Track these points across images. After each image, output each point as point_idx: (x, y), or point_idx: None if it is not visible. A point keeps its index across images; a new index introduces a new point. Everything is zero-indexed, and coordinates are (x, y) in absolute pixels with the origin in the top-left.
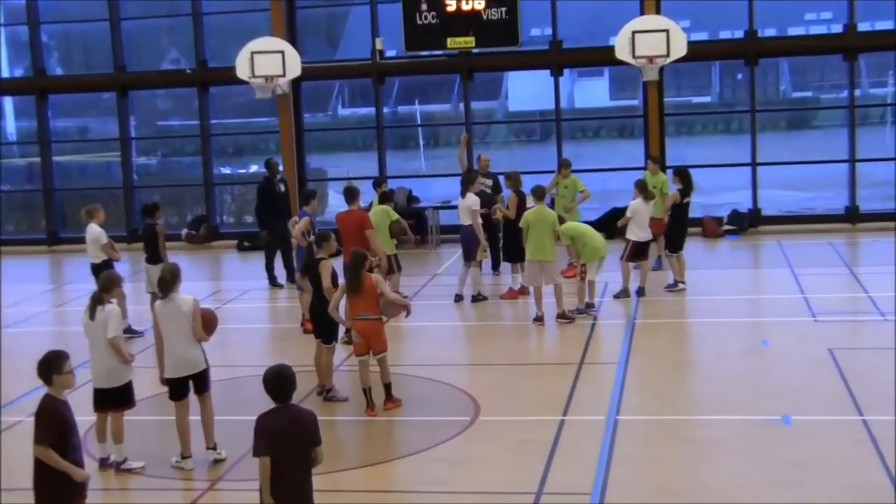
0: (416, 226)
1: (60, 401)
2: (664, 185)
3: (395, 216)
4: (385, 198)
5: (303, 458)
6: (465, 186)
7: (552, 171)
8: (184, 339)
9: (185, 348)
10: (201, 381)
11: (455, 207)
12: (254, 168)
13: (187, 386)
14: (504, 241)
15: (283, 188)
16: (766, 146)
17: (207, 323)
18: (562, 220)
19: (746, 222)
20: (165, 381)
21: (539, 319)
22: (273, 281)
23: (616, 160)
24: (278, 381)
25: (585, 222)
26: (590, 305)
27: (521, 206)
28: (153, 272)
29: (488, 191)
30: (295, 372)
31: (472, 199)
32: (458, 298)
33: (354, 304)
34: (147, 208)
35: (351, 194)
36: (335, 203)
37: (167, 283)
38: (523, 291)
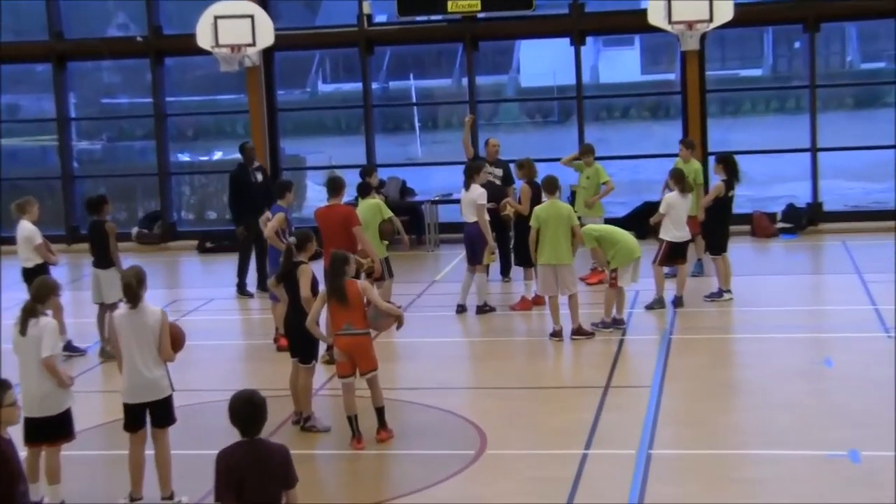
0: (411, 224)
1: (3, 439)
2: (697, 174)
3: (388, 213)
4: (365, 190)
5: (273, 502)
6: (470, 177)
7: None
8: (147, 358)
9: (148, 369)
10: (163, 410)
11: (457, 202)
12: (218, 155)
13: (146, 414)
14: (515, 241)
15: (259, 178)
16: (828, 128)
17: (175, 340)
18: (582, 223)
19: (804, 219)
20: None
21: (556, 335)
22: (242, 289)
23: (648, 145)
24: (247, 409)
25: (610, 221)
26: (618, 321)
27: (536, 201)
28: (103, 278)
29: (497, 182)
30: (266, 398)
31: (478, 192)
32: (461, 309)
33: (337, 316)
34: (93, 202)
35: (334, 186)
36: (314, 196)
37: (134, 290)
38: (538, 301)
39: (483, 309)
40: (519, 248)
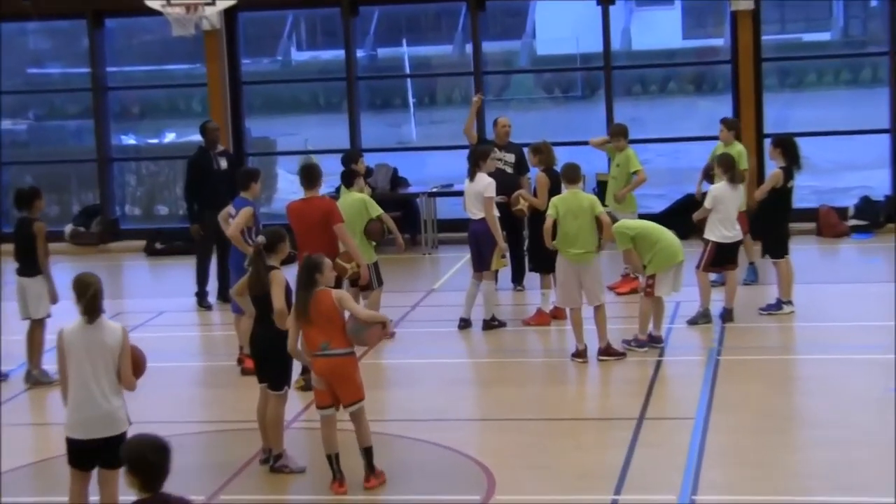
0: (404, 221)
1: None
2: (741, 159)
3: (376, 209)
4: (350, 179)
5: None
6: (476, 164)
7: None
8: (105, 385)
9: (105, 397)
10: (118, 449)
11: (460, 194)
12: (170, 137)
13: (97, 453)
14: (531, 242)
15: (223, 164)
16: None
17: (136, 364)
18: (614, 218)
19: (882, 215)
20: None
21: (580, 355)
22: (202, 299)
23: (691, 126)
24: (147, 460)
25: (644, 217)
26: (655, 339)
27: (555, 192)
28: (29, 289)
29: (508, 170)
30: (169, 444)
31: (485, 183)
32: (465, 324)
33: (311, 334)
34: (24, 196)
35: (310, 175)
36: (287, 188)
37: (90, 302)
38: (557, 314)
39: (491, 324)
40: (535, 250)
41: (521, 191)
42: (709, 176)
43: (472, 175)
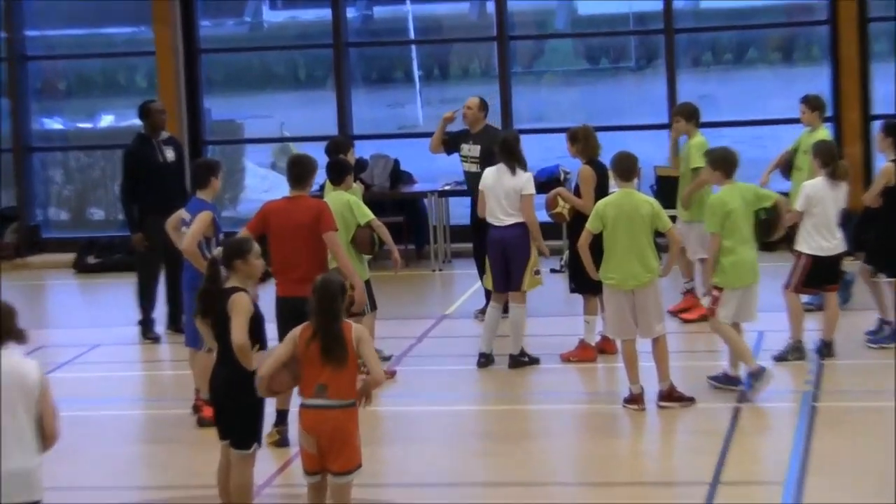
0: (409, 227)
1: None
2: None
3: (365, 215)
4: (340, 173)
5: None
6: (510, 154)
7: (658, 126)
8: (19, 436)
9: (23, 453)
10: None
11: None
12: (106, 120)
13: None
14: (571, 255)
15: (171, 156)
16: None
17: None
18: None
19: None
20: None
21: (635, 400)
22: (148, 329)
23: (777, 105)
24: None
25: None
26: (731, 380)
27: (601, 191)
28: None
29: (474, 168)
30: None
31: (523, 180)
32: (486, 360)
33: (310, 373)
34: None
35: (302, 170)
36: (257, 185)
37: (11, 330)
38: (606, 348)
39: (520, 360)
40: (576, 266)
41: (560, 189)
42: (786, 169)
43: (511, 168)
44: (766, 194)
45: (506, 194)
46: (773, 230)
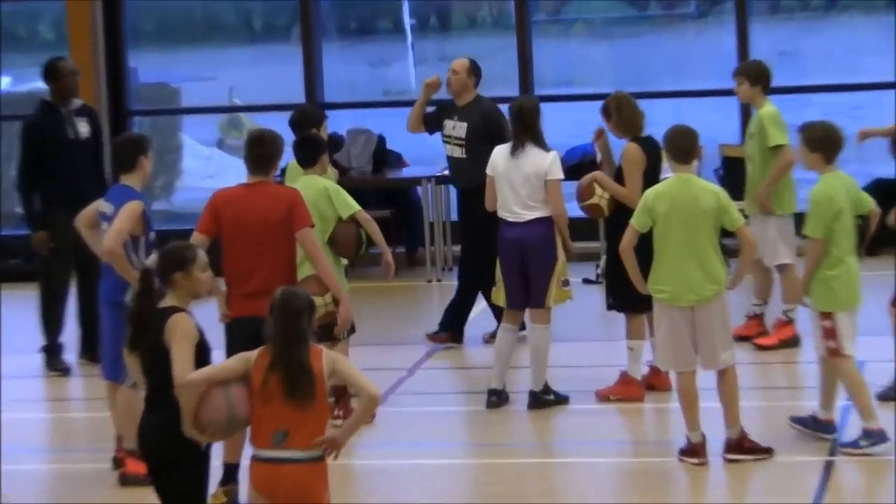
0: (397, 223)
1: None
2: None
3: (349, 206)
4: (311, 150)
5: None
6: (525, 127)
7: (725, 92)
8: None
9: None
10: None
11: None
12: (3, 82)
13: None
14: (610, 259)
15: (85, 131)
16: None
17: None
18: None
19: None
20: None
21: (694, 452)
22: (54, 357)
23: (879, 63)
24: None
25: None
26: (822, 425)
27: (651, 177)
28: None
29: (457, 151)
30: None
31: (548, 161)
32: (497, 399)
33: (267, 413)
34: None
35: (265, 151)
36: (198, 169)
37: None
38: (657, 382)
39: (543, 398)
40: (616, 275)
41: (597, 173)
42: None
43: (517, 145)
44: (864, 197)
45: (524, 180)
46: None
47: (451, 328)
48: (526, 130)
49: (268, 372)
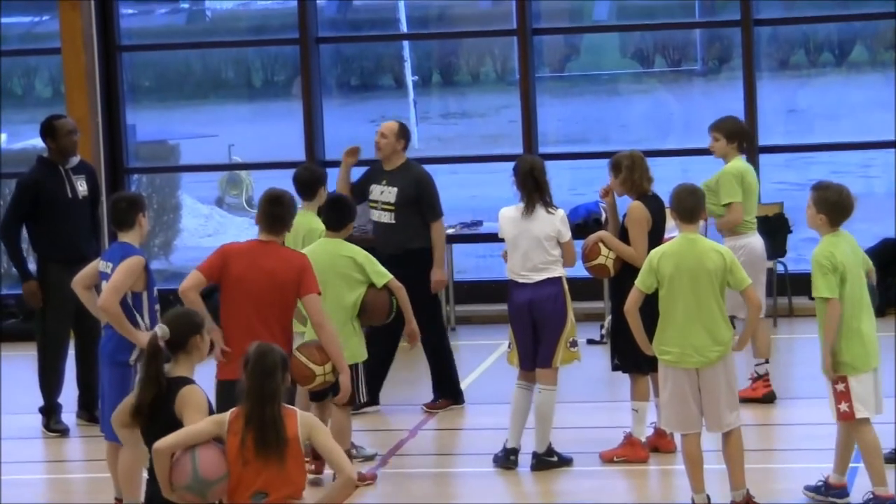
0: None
1: None
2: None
3: (383, 272)
4: (340, 214)
5: None
6: (534, 187)
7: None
8: None
9: None
10: None
11: (495, 239)
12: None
13: None
14: (615, 320)
15: (83, 189)
16: None
17: None
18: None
19: None
20: None
21: None
22: (52, 418)
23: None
24: None
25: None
26: (833, 490)
27: (656, 236)
28: None
29: (385, 217)
30: None
31: (557, 222)
32: (508, 460)
33: (246, 473)
34: None
35: (282, 211)
36: (196, 228)
37: None
38: (661, 444)
39: (546, 460)
40: (622, 336)
41: (603, 233)
42: None
43: (528, 206)
44: (865, 258)
45: (535, 243)
46: None
47: (444, 392)
48: (537, 190)
49: (245, 431)
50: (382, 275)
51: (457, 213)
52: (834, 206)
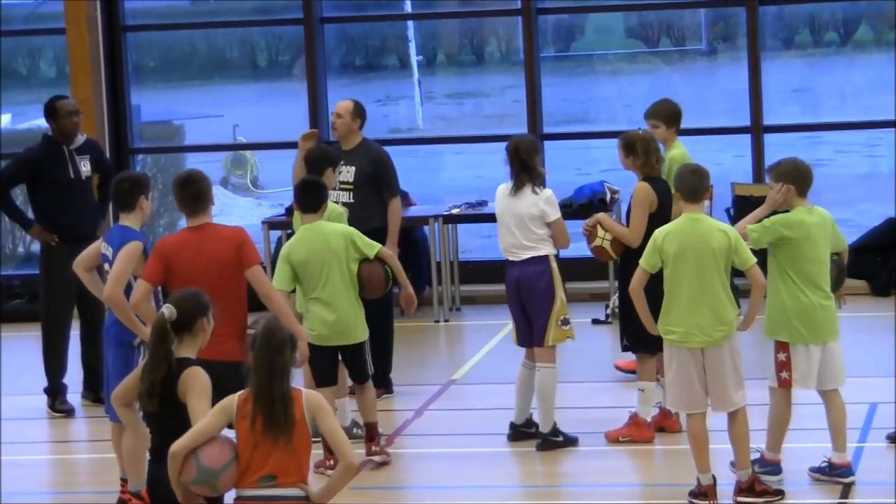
0: (404, 264)
1: None
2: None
3: (372, 244)
4: (312, 196)
5: None
6: (522, 166)
7: (737, 129)
8: None
9: None
10: None
11: (493, 219)
12: (3, 120)
13: None
14: (622, 300)
15: (86, 170)
16: None
17: None
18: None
19: None
20: None
21: (704, 494)
22: (57, 398)
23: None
24: None
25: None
26: (838, 469)
27: (664, 217)
28: None
29: (344, 196)
30: None
31: (543, 197)
32: (519, 433)
33: (255, 454)
34: None
35: (197, 189)
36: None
37: None
38: (667, 424)
39: (551, 440)
40: (629, 316)
41: (600, 215)
42: None
43: (516, 185)
44: (840, 236)
45: (519, 221)
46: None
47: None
48: (524, 170)
49: (254, 411)
50: (372, 245)
51: (461, 192)
52: (790, 174)
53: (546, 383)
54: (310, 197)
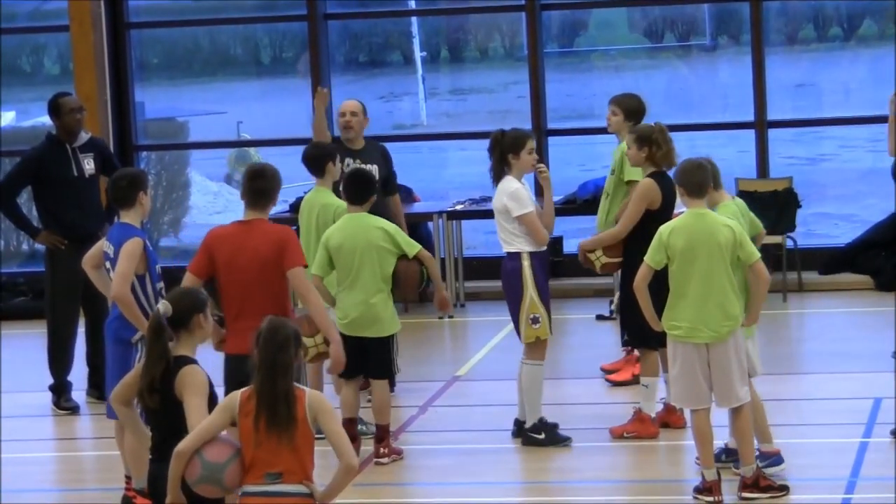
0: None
1: None
2: None
3: (413, 243)
4: (362, 187)
5: None
6: (502, 159)
7: (741, 125)
8: None
9: None
10: None
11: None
12: (7, 117)
13: None
14: (624, 296)
15: (90, 168)
16: None
17: None
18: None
19: None
20: None
21: (709, 490)
22: (62, 395)
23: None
24: None
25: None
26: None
27: (666, 213)
28: None
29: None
30: None
31: (507, 193)
32: (518, 429)
33: (258, 452)
34: None
35: (264, 184)
36: (206, 205)
37: None
38: (671, 420)
39: (531, 437)
40: (629, 311)
41: (581, 243)
42: None
43: (494, 178)
44: (755, 220)
45: (496, 215)
46: None
47: None
48: (500, 163)
49: (257, 410)
50: (412, 245)
51: (465, 189)
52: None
53: (527, 379)
54: (358, 188)
